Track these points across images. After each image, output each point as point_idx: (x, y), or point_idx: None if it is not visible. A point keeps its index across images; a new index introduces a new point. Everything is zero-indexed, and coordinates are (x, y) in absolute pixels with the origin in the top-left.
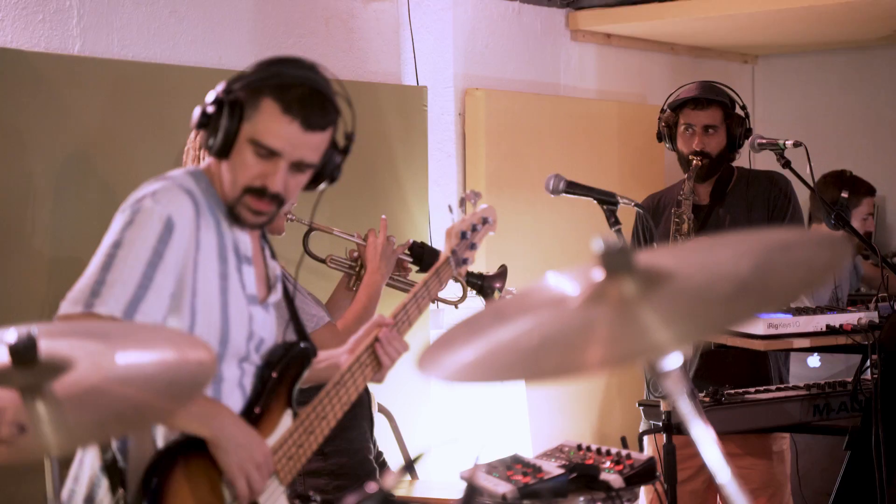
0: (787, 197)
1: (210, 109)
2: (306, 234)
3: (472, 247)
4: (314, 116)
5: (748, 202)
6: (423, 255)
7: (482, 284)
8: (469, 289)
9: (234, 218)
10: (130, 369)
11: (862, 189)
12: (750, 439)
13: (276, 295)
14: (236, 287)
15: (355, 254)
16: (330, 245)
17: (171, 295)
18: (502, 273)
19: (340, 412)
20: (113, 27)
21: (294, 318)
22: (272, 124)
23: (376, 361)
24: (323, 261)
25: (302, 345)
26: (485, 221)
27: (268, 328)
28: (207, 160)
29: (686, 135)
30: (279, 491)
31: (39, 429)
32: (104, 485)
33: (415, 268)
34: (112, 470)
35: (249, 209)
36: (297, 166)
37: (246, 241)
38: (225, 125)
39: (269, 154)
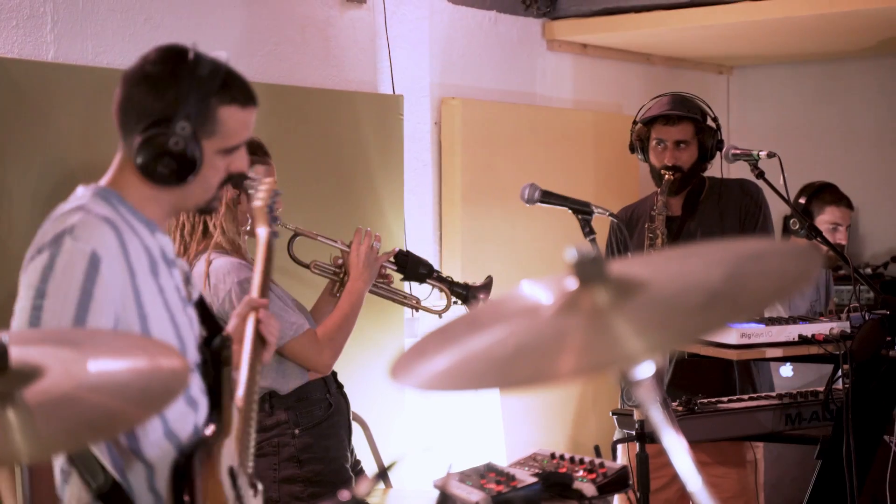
0: (759, 205)
1: (165, 167)
2: (291, 240)
3: (275, 220)
4: (251, 92)
5: (720, 212)
6: (407, 263)
7: (467, 294)
8: (453, 298)
9: (208, 210)
10: (102, 377)
11: (826, 197)
12: (723, 448)
13: (196, 290)
14: (173, 295)
15: (339, 260)
16: (315, 251)
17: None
18: (488, 284)
19: (257, 392)
20: (87, 34)
21: (203, 306)
22: (236, 125)
23: (262, 341)
24: (307, 266)
25: (224, 333)
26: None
27: (198, 327)
28: (109, 176)
29: (658, 149)
30: (245, 481)
31: (10, 437)
32: None
33: (398, 276)
34: (114, 494)
35: (219, 199)
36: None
37: (168, 243)
38: (192, 159)
39: (236, 148)
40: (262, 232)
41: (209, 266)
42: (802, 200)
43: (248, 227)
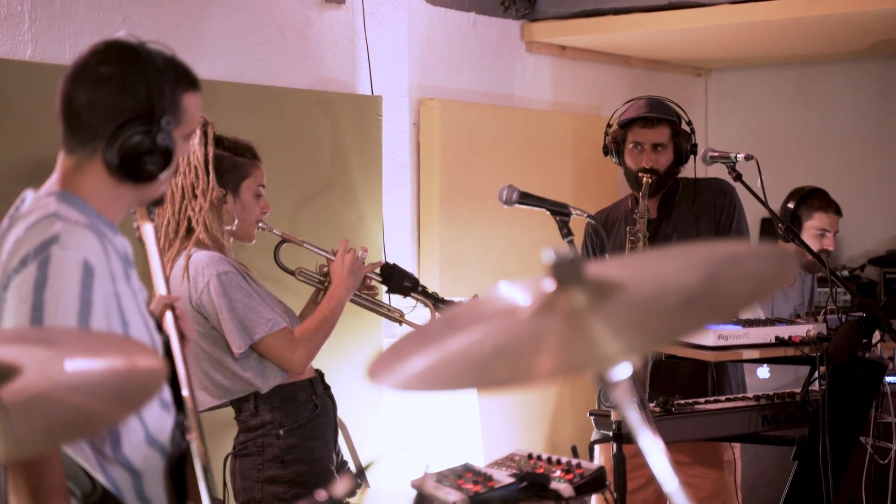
0: (733, 204)
1: (153, 164)
2: (278, 246)
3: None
4: (195, 75)
5: (694, 213)
6: (392, 275)
7: (437, 304)
8: (437, 314)
9: (161, 202)
10: (79, 376)
11: (815, 202)
12: (700, 448)
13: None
14: (140, 297)
15: (325, 268)
16: (301, 258)
17: None
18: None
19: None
20: (65, 33)
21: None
22: (195, 110)
23: (182, 336)
24: (292, 273)
25: (162, 334)
26: None
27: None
28: (60, 180)
29: (635, 152)
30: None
31: None
32: None
33: (383, 287)
34: (105, 501)
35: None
36: None
37: (127, 244)
38: (171, 152)
39: (192, 133)
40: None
41: (188, 260)
42: (791, 205)
43: (233, 227)
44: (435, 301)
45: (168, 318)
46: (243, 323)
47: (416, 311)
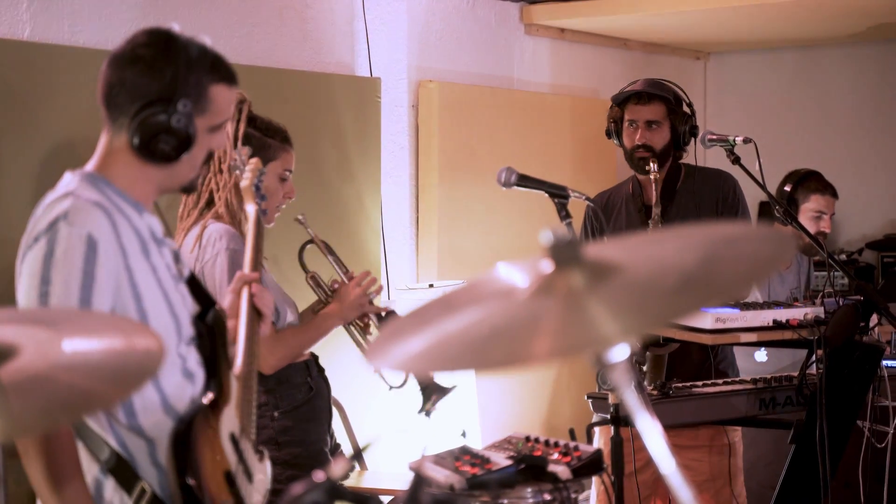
0: (736, 195)
1: (166, 144)
2: (305, 244)
3: (263, 198)
4: (234, 72)
5: (697, 200)
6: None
7: (429, 388)
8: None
9: (191, 189)
10: (77, 357)
11: (811, 185)
12: (700, 431)
13: (186, 267)
14: (165, 273)
15: (336, 285)
16: (321, 263)
17: (112, 310)
18: (448, 390)
19: (257, 364)
20: (63, 13)
21: (194, 283)
22: (224, 103)
23: (257, 313)
24: (306, 273)
25: (217, 307)
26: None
27: (191, 303)
28: (95, 160)
29: (630, 130)
30: (248, 445)
31: None
32: (110, 485)
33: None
34: (120, 467)
35: (200, 177)
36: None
37: (156, 223)
38: (189, 136)
39: (220, 126)
40: (250, 209)
41: (203, 230)
42: (788, 188)
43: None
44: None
45: (244, 294)
46: None
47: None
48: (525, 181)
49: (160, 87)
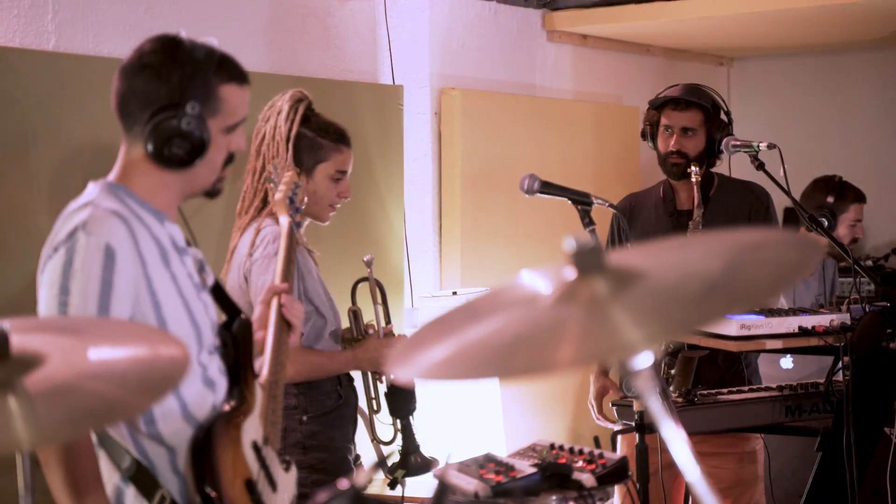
0: (767, 208)
1: (179, 148)
2: (360, 281)
3: (297, 210)
4: (245, 71)
5: (729, 210)
6: (399, 392)
7: (410, 464)
8: (399, 450)
9: (214, 193)
10: (102, 365)
11: (849, 195)
12: (722, 438)
13: (211, 276)
14: (186, 282)
15: (370, 331)
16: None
17: (131, 318)
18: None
19: (284, 375)
20: (88, 23)
21: (219, 292)
22: (236, 103)
23: (286, 324)
24: (352, 305)
25: (242, 317)
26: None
27: (214, 312)
28: (115, 170)
29: (665, 135)
30: (272, 454)
31: (11, 424)
32: (130, 493)
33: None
34: (140, 475)
35: (223, 179)
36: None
37: (178, 231)
38: (202, 139)
39: (236, 126)
40: (283, 221)
41: (258, 234)
42: (831, 199)
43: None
44: (407, 444)
45: (273, 304)
46: None
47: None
48: (548, 188)
49: (169, 92)
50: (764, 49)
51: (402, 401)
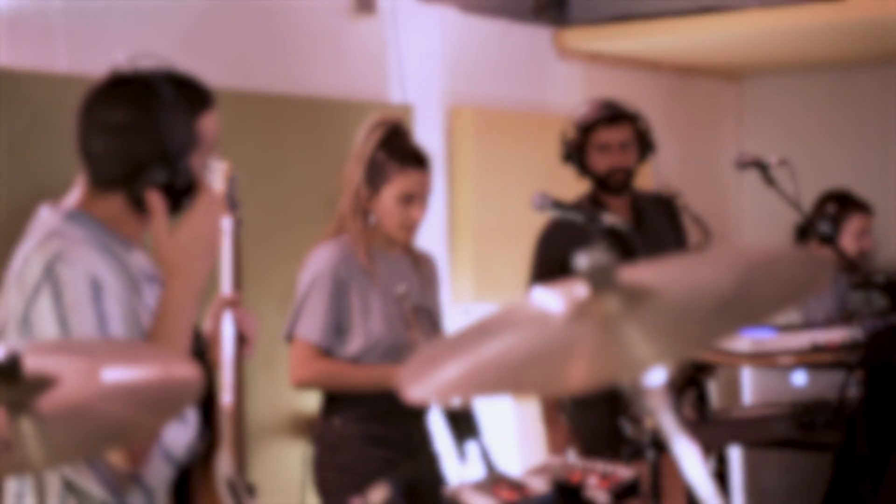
0: (682, 220)
1: (172, 200)
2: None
3: (235, 206)
4: (208, 91)
5: (659, 225)
6: (452, 423)
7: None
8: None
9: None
10: (116, 386)
11: (852, 205)
12: None
13: None
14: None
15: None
16: None
17: None
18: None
19: (244, 392)
20: (100, 45)
21: None
22: (212, 129)
23: (241, 339)
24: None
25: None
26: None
27: None
28: (76, 198)
29: (601, 153)
30: (242, 488)
31: (24, 445)
32: None
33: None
34: None
35: None
36: None
37: (144, 259)
38: (193, 184)
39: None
40: (226, 221)
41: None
42: (832, 209)
43: (373, 221)
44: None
45: (227, 318)
46: (295, 310)
47: None
48: (559, 206)
49: (151, 149)
50: (774, 66)
51: (462, 425)
